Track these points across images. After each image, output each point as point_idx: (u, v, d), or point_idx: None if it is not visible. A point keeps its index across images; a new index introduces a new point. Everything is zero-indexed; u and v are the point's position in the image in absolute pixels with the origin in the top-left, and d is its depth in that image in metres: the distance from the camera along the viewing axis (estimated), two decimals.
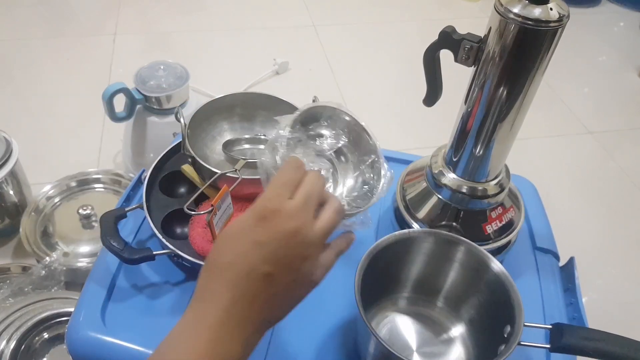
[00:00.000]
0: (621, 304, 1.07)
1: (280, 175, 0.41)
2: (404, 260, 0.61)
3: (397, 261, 0.61)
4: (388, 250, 0.57)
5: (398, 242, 0.58)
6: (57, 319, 0.84)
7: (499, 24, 0.52)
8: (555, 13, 0.50)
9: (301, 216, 0.39)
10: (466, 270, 0.60)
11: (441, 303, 0.63)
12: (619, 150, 1.44)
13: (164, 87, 1.03)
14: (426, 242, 0.60)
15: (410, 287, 0.64)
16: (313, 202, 0.40)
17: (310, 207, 0.40)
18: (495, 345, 0.53)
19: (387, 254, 0.58)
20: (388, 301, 0.63)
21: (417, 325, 0.61)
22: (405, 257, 0.61)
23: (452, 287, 0.62)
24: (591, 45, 1.91)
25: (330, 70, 1.63)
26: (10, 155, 0.97)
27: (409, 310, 0.63)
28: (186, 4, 1.91)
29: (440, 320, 0.62)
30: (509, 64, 0.54)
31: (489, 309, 0.58)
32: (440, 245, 0.60)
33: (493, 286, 0.56)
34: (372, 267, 0.55)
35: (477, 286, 0.59)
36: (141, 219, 0.70)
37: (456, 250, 0.59)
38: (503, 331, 0.53)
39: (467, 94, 0.60)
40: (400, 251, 0.60)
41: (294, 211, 0.38)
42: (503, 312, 0.54)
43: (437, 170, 0.67)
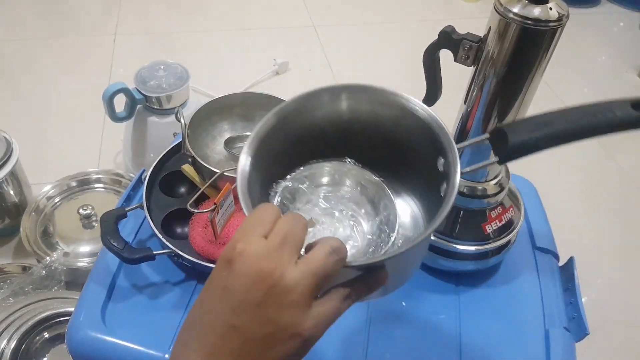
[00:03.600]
0: (621, 304, 1.07)
1: (249, 216, 0.35)
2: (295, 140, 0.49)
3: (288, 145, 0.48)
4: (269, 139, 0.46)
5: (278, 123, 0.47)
6: (58, 319, 0.84)
7: (499, 23, 0.52)
8: (554, 13, 0.50)
9: (274, 256, 0.32)
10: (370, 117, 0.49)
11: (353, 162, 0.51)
12: (619, 150, 1.44)
13: (164, 87, 1.03)
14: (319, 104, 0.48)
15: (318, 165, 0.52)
16: (291, 243, 0.33)
17: (286, 247, 0.33)
18: (435, 186, 0.45)
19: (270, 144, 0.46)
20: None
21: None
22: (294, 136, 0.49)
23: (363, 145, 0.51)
24: (591, 45, 1.92)
25: (330, 70, 1.63)
26: (10, 155, 0.98)
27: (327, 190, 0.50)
28: (186, 4, 1.92)
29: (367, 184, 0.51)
30: (509, 64, 0.54)
31: (409, 151, 0.48)
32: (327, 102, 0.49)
33: (405, 123, 0.47)
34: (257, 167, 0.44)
35: (388, 131, 0.49)
36: (141, 219, 0.70)
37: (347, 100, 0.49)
38: (437, 168, 0.45)
39: (467, 93, 0.60)
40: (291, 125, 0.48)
41: (264, 251, 0.32)
42: (428, 147, 0.45)
43: None
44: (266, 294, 0.32)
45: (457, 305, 0.66)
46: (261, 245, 0.32)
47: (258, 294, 0.32)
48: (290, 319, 0.32)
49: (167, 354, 0.57)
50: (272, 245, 0.33)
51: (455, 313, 0.65)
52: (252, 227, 0.34)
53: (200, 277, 0.65)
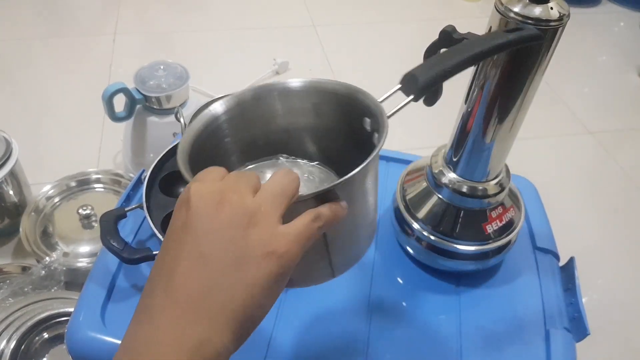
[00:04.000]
0: (621, 304, 1.07)
1: (202, 172, 0.34)
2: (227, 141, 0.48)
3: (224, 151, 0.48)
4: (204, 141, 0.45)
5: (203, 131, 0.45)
6: (57, 319, 0.84)
7: (499, 23, 0.52)
8: (555, 12, 0.50)
9: (231, 187, 0.32)
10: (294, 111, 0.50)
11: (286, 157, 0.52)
12: (619, 150, 1.44)
13: (164, 87, 1.03)
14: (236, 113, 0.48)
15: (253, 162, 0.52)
16: (246, 179, 0.33)
17: (242, 180, 0.33)
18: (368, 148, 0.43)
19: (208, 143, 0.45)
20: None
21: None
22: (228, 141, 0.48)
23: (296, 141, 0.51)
24: (591, 45, 1.92)
25: (330, 70, 1.63)
26: (10, 155, 0.97)
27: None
28: (186, 4, 1.91)
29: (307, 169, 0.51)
30: (509, 64, 0.54)
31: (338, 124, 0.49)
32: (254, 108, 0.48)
33: (323, 100, 0.48)
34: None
35: (313, 115, 0.50)
36: (141, 219, 0.70)
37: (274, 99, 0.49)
38: (365, 128, 0.46)
39: (467, 93, 0.60)
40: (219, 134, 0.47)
41: (221, 185, 0.32)
42: (352, 112, 0.46)
43: (437, 170, 0.67)
44: (230, 218, 0.31)
45: (457, 305, 0.66)
46: (216, 185, 0.32)
47: (222, 218, 0.30)
48: (259, 237, 0.31)
49: None
50: (228, 180, 0.32)
51: (455, 313, 0.65)
52: (205, 173, 0.33)
53: None
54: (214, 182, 0.32)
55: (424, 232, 0.66)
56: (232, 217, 0.31)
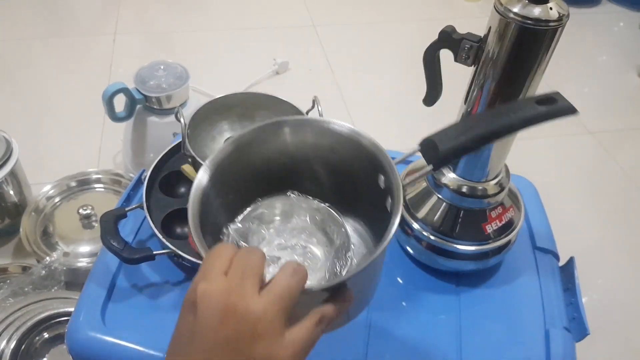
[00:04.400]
0: (621, 304, 1.07)
1: (207, 256, 0.35)
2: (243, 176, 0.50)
3: (237, 181, 0.49)
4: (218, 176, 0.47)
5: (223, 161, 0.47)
6: (57, 319, 0.84)
7: (499, 23, 0.52)
8: (555, 12, 0.50)
9: (236, 290, 0.32)
10: (311, 148, 0.51)
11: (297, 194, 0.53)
12: (619, 150, 1.44)
13: (164, 87, 1.03)
14: (255, 141, 0.49)
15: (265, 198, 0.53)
16: (250, 274, 0.33)
17: (247, 279, 0.33)
18: (380, 204, 0.46)
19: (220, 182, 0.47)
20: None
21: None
22: (242, 172, 0.50)
23: (308, 176, 0.52)
24: (591, 45, 1.92)
25: (330, 70, 1.63)
26: (10, 155, 0.98)
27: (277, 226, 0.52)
28: (186, 4, 1.92)
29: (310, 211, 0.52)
30: (509, 64, 0.54)
31: (352, 175, 0.50)
32: (270, 138, 0.50)
33: (344, 147, 0.49)
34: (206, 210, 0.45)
35: (330, 158, 0.51)
36: (141, 219, 0.70)
37: (290, 134, 0.50)
38: (379, 185, 0.46)
39: (467, 93, 0.60)
40: (233, 168, 0.48)
41: (226, 287, 0.32)
42: (366, 166, 0.47)
43: None
44: (236, 329, 0.31)
45: (457, 305, 0.66)
46: (222, 283, 0.32)
47: (228, 331, 0.31)
48: (265, 350, 0.31)
49: None
50: (233, 280, 0.32)
51: (455, 313, 0.65)
52: (211, 266, 0.34)
53: None
54: (220, 280, 0.32)
55: (424, 232, 0.66)
56: (237, 329, 0.31)
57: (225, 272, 0.33)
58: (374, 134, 0.55)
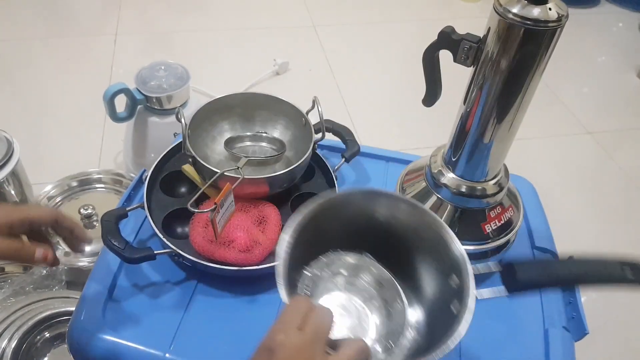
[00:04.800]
0: (620, 304, 1.07)
1: (287, 309, 0.41)
2: (329, 228, 0.55)
3: (320, 232, 0.54)
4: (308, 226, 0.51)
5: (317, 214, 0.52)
6: (58, 318, 0.84)
7: (498, 24, 0.52)
8: (554, 13, 0.50)
9: (308, 350, 0.38)
10: (398, 225, 0.55)
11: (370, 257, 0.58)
12: (618, 150, 1.45)
13: (165, 87, 1.03)
14: (349, 203, 0.54)
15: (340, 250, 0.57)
16: (322, 337, 0.39)
17: (319, 341, 0.39)
18: (446, 301, 0.48)
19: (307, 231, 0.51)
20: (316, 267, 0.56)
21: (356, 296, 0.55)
22: (329, 226, 0.54)
23: (387, 247, 0.56)
24: (590, 45, 1.92)
25: (330, 70, 1.64)
26: (11, 155, 0.98)
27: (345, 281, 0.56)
28: (186, 4, 1.92)
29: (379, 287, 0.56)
30: (508, 64, 0.54)
31: (428, 265, 0.53)
32: (365, 203, 0.54)
33: (428, 238, 0.52)
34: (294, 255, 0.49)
35: (412, 243, 0.54)
36: (142, 219, 0.70)
37: (385, 206, 0.54)
38: (450, 284, 0.49)
39: (466, 94, 0.60)
40: (321, 221, 0.53)
41: (301, 344, 0.38)
42: (444, 263, 0.50)
43: (436, 170, 0.67)
44: None
45: None
46: (297, 338, 0.38)
47: None
48: None
49: (168, 352, 0.57)
50: (307, 339, 0.38)
51: None
52: (290, 320, 0.39)
53: (200, 277, 0.65)
54: (295, 335, 0.38)
55: None
56: None
57: (300, 327, 0.39)
58: (374, 134, 0.55)
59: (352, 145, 0.76)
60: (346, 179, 0.80)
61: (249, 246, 0.62)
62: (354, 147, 0.76)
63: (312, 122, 0.71)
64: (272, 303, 0.63)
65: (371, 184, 0.80)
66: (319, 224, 0.52)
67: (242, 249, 0.62)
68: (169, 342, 0.58)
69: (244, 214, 0.66)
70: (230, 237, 0.63)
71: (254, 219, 0.66)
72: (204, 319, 0.61)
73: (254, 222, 0.66)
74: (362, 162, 0.83)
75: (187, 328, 0.60)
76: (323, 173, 0.75)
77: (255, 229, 0.65)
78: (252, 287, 0.65)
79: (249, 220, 0.65)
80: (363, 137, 1.33)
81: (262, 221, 0.66)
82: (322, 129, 0.71)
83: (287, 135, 0.76)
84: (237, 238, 0.63)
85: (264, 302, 0.63)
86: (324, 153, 0.80)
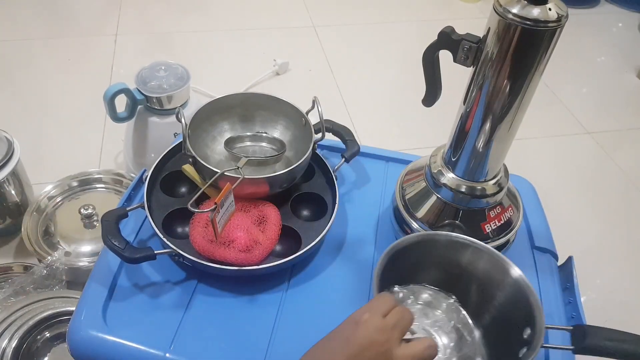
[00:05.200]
0: (620, 303, 1.07)
1: (376, 298, 0.48)
2: (421, 261, 0.61)
3: (414, 263, 0.61)
4: (405, 251, 0.57)
5: (417, 243, 0.59)
6: (59, 318, 0.84)
7: (498, 24, 0.52)
8: (554, 13, 0.50)
9: (387, 332, 0.44)
10: (482, 273, 0.60)
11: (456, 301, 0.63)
12: (618, 151, 1.45)
13: (165, 87, 1.03)
14: (442, 245, 0.60)
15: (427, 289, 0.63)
16: (401, 328, 0.45)
17: (398, 330, 0.45)
18: (514, 348, 0.52)
19: (404, 255, 0.58)
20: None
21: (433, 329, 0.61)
22: (422, 258, 0.61)
23: (467, 292, 0.61)
24: (590, 45, 1.92)
25: (330, 71, 1.64)
26: (12, 155, 0.98)
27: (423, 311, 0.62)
28: (186, 4, 1.92)
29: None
30: (508, 64, 0.54)
31: (505, 312, 0.57)
32: (455, 249, 0.60)
33: (510, 290, 0.56)
34: (389, 268, 0.55)
35: (493, 290, 0.59)
36: (142, 219, 0.71)
37: (471, 254, 0.59)
38: (522, 334, 0.53)
39: (466, 94, 0.60)
40: (417, 252, 0.59)
41: (382, 326, 0.44)
42: (521, 315, 0.54)
43: (436, 170, 0.67)
44: (375, 356, 0.43)
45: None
46: (380, 321, 0.44)
47: (370, 353, 0.43)
48: None
49: (168, 352, 0.57)
50: (388, 324, 0.44)
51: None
52: (377, 307, 0.46)
53: (200, 277, 0.65)
54: (379, 318, 0.45)
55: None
56: (376, 356, 0.43)
57: (384, 314, 0.45)
58: (374, 134, 0.56)
59: (352, 145, 0.77)
60: (346, 179, 0.81)
61: (249, 246, 0.63)
62: (354, 147, 0.76)
63: (312, 122, 0.71)
64: (272, 303, 0.63)
65: (371, 184, 0.81)
66: (413, 257, 0.59)
67: (242, 249, 0.62)
68: (169, 342, 0.58)
69: (244, 214, 0.66)
70: (230, 237, 0.63)
71: (254, 218, 0.66)
72: (204, 319, 0.61)
73: (254, 222, 0.66)
74: (362, 162, 0.83)
75: (187, 328, 0.60)
76: (323, 173, 0.76)
77: (255, 228, 0.65)
78: (252, 287, 0.65)
79: (249, 220, 0.65)
80: (363, 137, 1.33)
81: (262, 221, 0.66)
82: (322, 129, 0.71)
83: (287, 136, 0.76)
84: (237, 238, 0.63)
85: (264, 302, 0.63)
86: (324, 153, 0.81)
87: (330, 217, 0.68)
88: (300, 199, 0.72)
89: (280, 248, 0.67)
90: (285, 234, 0.66)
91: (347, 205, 0.76)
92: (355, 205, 0.77)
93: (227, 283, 0.64)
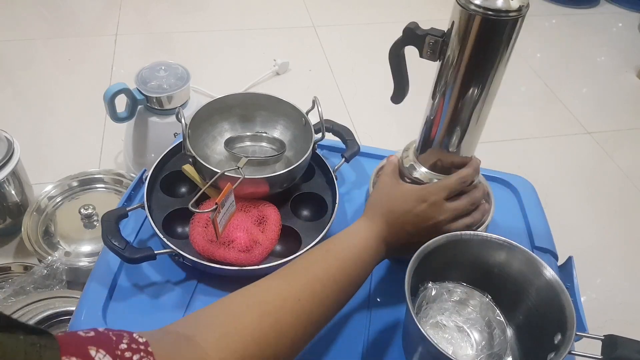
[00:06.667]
0: (619, 303, 1.07)
1: (448, 181, 0.58)
2: (455, 260, 0.61)
3: (447, 262, 0.60)
4: (437, 251, 0.57)
5: (448, 243, 0.58)
6: (59, 318, 0.84)
7: (461, 15, 0.52)
8: (515, 3, 0.51)
9: (448, 216, 0.57)
10: (516, 275, 0.59)
11: (491, 300, 0.63)
12: (617, 151, 1.45)
13: (165, 87, 1.03)
14: (476, 244, 0.59)
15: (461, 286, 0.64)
16: (463, 208, 0.59)
17: (458, 212, 0.58)
18: (544, 352, 0.52)
19: (436, 255, 0.57)
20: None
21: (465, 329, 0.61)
22: (455, 257, 0.60)
23: (501, 292, 0.61)
24: (590, 45, 1.92)
25: (330, 71, 1.64)
26: (12, 155, 0.98)
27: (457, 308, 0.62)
28: (186, 5, 1.92)
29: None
30: (472, 55, 0.53)
31: (538, 315, 0.57)
32: (489, 248, 0.59)
33: (544, 293, 0.56)
34: (422, 267, 0.55)
35: (527, 292, 0.58)
36: (142, 219, 0.71)
37: (506, 254, 0.59)
38: (553, 339, 0.52)
39: (434, 88, 0.60)
40: (449, 253, 0.59)
41: (445, 210, 0.56)
42: (554, 319, 0.53)
43: (408, 165, 0.66)
44: (433, 229, 0.57)
45: None
46: (446, 206, 0.58)
47: (429, 227, 0.57)
48: (432, 214, 0.57)
49: None
50: (451, 207, 0.59)
51: None
52: (445, 190, 0.59)
53: (201, 277, 0.65)
54: (443, 201, 0.58)
55: None
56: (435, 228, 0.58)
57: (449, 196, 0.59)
58: (374, 134, 0.56)
59: (352, 145, 0.77)
60: (346, 179, 0.81)
61: (249, 246, 0.63)
62: (354, 147, 0.76)
63: (312, 122, 0.71)
64: None
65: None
66: (445, 257, 0.59)
67: (242, 249, 0.62)
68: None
69: (244, 214, 0.66)
70: (230, 237, 0.63)
71: (254, 219, 0.66)
72: None
73: (254, 222, 0.66)
74: (362, 162, 0.83)
75: None
76: (323, 173, 0.76)
77: (255, 229, 0.65)
78: None
79: (249, 220, 0.65)
80: (363, 137, 1.33)
81: (262, 221, 0.66)
82: (322, 129, 0.71)
83: (287, 135, 0.76)
84: (237, 238, 0.63)
85: None
86: (324, 153, 0.81)
87: (331, 217, 0.68)
88: (300, 199, 0.72)
89: (280, 248, 0.67)
90: (285, 234, 0.66)
91: (347, 205, 0.76)
92: (355, 205, 0.77)
93: (227, 283, 0.64)
